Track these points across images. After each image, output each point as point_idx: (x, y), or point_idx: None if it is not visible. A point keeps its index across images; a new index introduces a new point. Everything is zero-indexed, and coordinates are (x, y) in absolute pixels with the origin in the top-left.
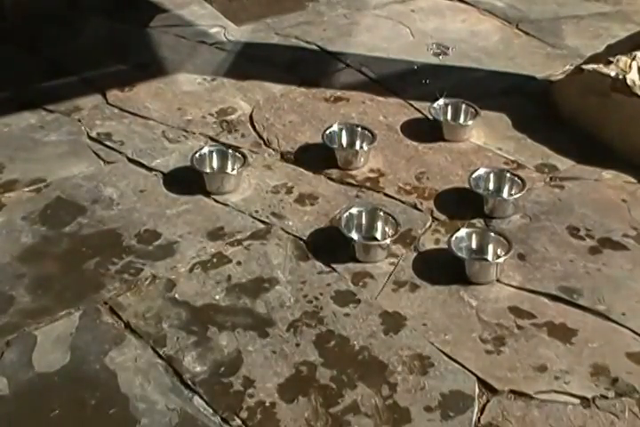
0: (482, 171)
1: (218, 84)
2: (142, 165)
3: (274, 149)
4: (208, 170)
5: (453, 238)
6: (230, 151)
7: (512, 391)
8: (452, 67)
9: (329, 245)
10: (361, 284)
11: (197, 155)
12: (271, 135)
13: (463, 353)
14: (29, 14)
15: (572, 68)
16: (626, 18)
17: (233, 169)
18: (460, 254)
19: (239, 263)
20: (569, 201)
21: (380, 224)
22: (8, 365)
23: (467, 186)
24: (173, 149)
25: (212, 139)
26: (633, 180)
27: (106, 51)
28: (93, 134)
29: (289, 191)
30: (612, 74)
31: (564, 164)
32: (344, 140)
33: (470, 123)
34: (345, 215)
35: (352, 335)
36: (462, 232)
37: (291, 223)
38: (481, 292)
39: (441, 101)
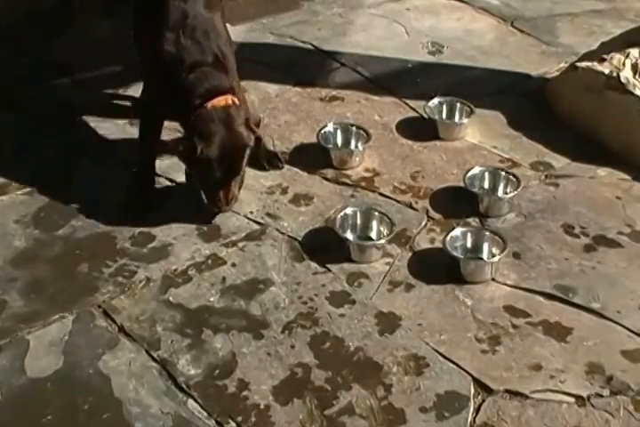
0: (477, 169)
1: None
2: None
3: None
4: None
5: (448, 238)
6: None
7: (507, 391)
8: (446, 65)
9: (324, 245)
10: (356, 284)
11: None
12: (266, 135)
13: (458, 353)
14: (21, 14)
15: (566, 65)
16: (619, 15)
17: None
18: (455, 254)
19: (234, 265)
20: (564, 199)
21: (375, 224)
22: (0, 370)
23: (462, 185)
24: None
25: None
26: (627, 177)
27: (98, 50)
28: None
29: (284, 192)
30: (606, 71)
31: (558, 161)
32: (339, 140)
33: (465, 121)
34: (340, 215)
35: (347, 336)
36: (457, 231)
37: (286, 224)
38: (476, 291)
39: (436, 100)
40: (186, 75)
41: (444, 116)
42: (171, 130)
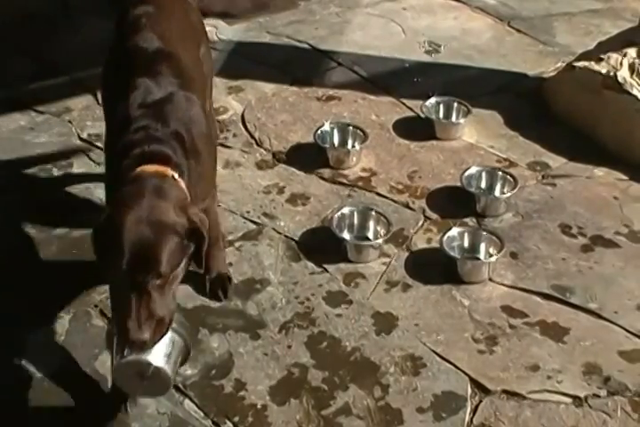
0: (474, 169)
1: None
2: None
3: (265, 149)
4: None
5: (445, 237)
6: None
7: (505, 391)
8: (443, 65)
9: (321, 245)
10: (353, 284)
11: None
12: (263, 135)
13: (455, 353)
14: (18, 14)
15: (563, 65)
16: (616, 15)
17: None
18: (452, 254)
19: (230, 264)
20: (561, 199)
21: (371, 224)
22: None
23: (459, 184)
24: None
25: None
26: (624, 177)
27: (96, 50)
28: (84, 135)
29: (281, 191)
30: (603, 71)
31: (555, 161)
32: (336, 140)
33: (462, 121)
34: (337, 215)
35: (344, 336)
36: (454, 231)
37: (282, 224)
38: (473, 291)
39: (433, 100)
40: (129, 136)
41: (441, 115)
42: None
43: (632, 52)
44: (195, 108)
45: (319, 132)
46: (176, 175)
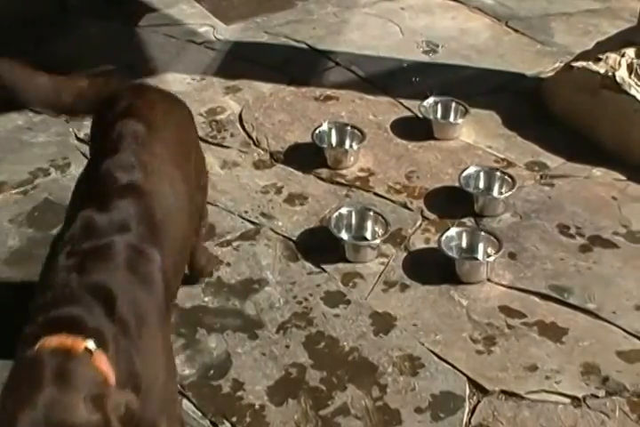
0: (472, 169)
1: (207, 84)
2: None
3: (263, 149)
4: None
5: (443, 238)
6: None
7: (503, 392)
8: (441, 65)
9: (319, 245)
10: (351, 284)
11: None
12: (260, 135)
13: (454, 353)
14: (17, 15)
15: (561, 65)
16: (615, 15)
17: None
18: (450, 254)
19: (228, 264)
20: (559, 199)
21: (369, 224)
22: None
23: (457, 185)
24: None
25: (200, 139)
26: (623, 177)
27: (94, 51)
28: (81, 135)
29: (278, 191)
30: (602, 71)
31: (554, 161)
32: (334, 140)
33: (460, 121)
34: (335, 215)
35: (342, 336)
36: (452, 231)
37: (280, 223)
38: (471, 291)
39: (431, 100)
40: (42, 295)
41: (439, 115)
42: None
43: (630, 52)
44: (148, 267)
45: (317, 131)
46: (91, 345)
